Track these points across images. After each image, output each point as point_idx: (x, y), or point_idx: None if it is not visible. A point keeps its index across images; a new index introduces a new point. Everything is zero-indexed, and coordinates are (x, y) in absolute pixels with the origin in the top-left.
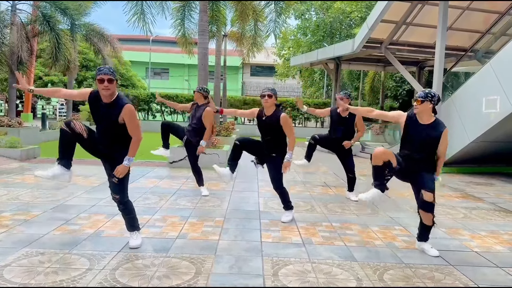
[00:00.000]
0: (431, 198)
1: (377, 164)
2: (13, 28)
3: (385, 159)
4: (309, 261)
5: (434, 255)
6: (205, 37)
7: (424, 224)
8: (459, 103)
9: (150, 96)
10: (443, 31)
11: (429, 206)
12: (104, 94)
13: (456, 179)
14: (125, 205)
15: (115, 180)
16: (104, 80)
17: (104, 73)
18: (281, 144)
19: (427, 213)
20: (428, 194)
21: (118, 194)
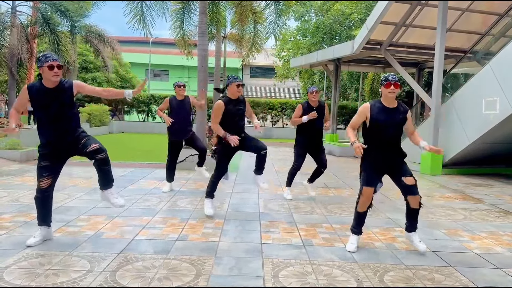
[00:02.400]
0: (413, 181)
1: (364, 210)
2: (13, 30)
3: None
4: (309, 263)
5: (422, 250)
6: (204, 39)
7: (412, 208)
8: (458, 105)
9: (150, 98)
10: (443, 33)
11: (414, 189)
12: (54, 81)
13: (455, 180)
14: (106, 153)
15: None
16: (54, 67)
17: (53, 59)
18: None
19: (414, 196)
20: (409, 179)
21: (95, 142)
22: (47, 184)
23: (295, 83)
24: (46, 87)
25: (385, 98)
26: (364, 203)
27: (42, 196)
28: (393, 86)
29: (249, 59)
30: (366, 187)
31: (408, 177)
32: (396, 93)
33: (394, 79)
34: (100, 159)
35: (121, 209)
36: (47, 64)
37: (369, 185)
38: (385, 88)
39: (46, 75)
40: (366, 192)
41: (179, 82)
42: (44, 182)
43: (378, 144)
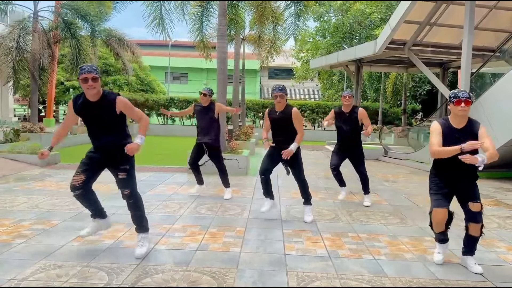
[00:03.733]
0: (479, 207)
1: (441, 230)
2: (35, 35)
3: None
4: (337, 277)
5: (477, 272)
6: (224, 41)
7: (471, 235)
8: (487, 105)
9: (169, 101)
10: (470, 31)
11: (478, 216)
12: (90, 94)
13: (485, 184)
14: (136, 197)
15: (122, 175)
16: (88, 79)
17: (87, 71)
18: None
19: (477, 224)
20: (476, 205)
21: (128, 187)
22: (78, 181)
23: (314, 84)
24: (88, 101)
25: (455, 116)
26: (439, 225)
27: (76, 195)
28: (464, 103)
29: (268, 61)
30: (436, 208)
31: (475, 203)
32: (468, 111)
33: (464, 95)
34: (130, 204)
35: None
36: (81, 77)
37: (439, 206)
38: (455, 106)
39: (82, 87)
40: (436, 213)
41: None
42: (76, 178)
43: (446, 162)
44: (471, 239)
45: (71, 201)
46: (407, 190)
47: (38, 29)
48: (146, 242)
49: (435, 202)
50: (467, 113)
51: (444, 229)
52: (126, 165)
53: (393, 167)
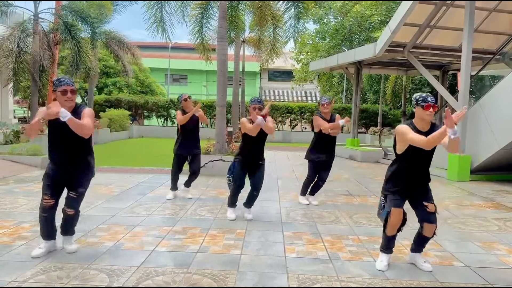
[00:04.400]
0: (433, 208)
1: (393, 234)
2: (36, 37)
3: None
4: (338, 279)
5: (428, 270)
6: (224, 43)
7: (424, 235)
8: (487, 108)
9: (169, 103)
10: (470, 33)
11: (433, 217)
12: (67, 106)
13: (485, 187)
14: (77, 215)
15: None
16: (67, 92)
17: (66, 84)
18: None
19: (431, 224)
20: (431, 205)
21: (75, 207)
22: (49, 205)
23: (313, 86)
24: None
25: (421, 120)
26: (394, 226)
27: (46, 215)
28: (432, 108)
29: (267, 63)
30: (395, 208)
31: (430, 203)
32: (433, 116)
33: (433, 101)
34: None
35: (141, 218)
36: (60, 89)
37: (398, 206)
38: (424, 110)
39: (59, 100)
40: (396, 213)
41: (183, 94)
42: (46, 201)
43: (409, 165)
44: (423, 238)
45: None
46: None
47: (38, 31)
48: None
49: (393, 202)
50: (432, 118)
51: (396, 232)
52: (84, 188)
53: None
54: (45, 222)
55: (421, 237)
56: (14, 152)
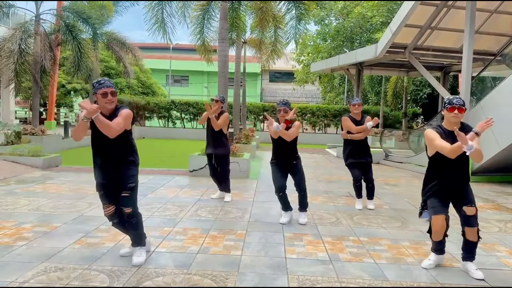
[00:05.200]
0: (473, 211)
1: (440, 239)
2: (37, 38)
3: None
4: (338, 281)
5: (479, 278)
6: (225, 45)
7: (469, 240)
8: (488, 109)
9: (170, 104)
10: (471, 35)
11: (473, 220)
12: (108, 108)
13: (486, 188)
14: (137, 217)
15: (126, 193)
16: (107, 94)
17: (106, 86)
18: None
19: (472, 228)
20: (470, 209)
21: (130, 206)
22: (110, 213)
23: (314, 88)
24: (102, 114)
25: (448, 122)
26: (439, 233)
27: (115, 222)
28: (457, 110)
29: (268, 64)
30: (436, 215)
31: (469, 206)
32: (460, 118)
33: (459, 103)
34: (131, 224)
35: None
36: (100, 91)
37: (438, 213)
38: (449, 112)
39: (100, 102)
40: (438, 220)
41: (216, 96)
42: (106, 210)
43: (443, 168)
44: (469, 244)
45: (72, 204)
46: (408, 194)
47: (40, 32)
48: (143, 252)
49: (433, 210)
50: (460, 119)
51: (442, 238)
52: (133, 183)
53: (394, 170)
54: (118, 228)
55: (467, 243)
56: (16, 152)
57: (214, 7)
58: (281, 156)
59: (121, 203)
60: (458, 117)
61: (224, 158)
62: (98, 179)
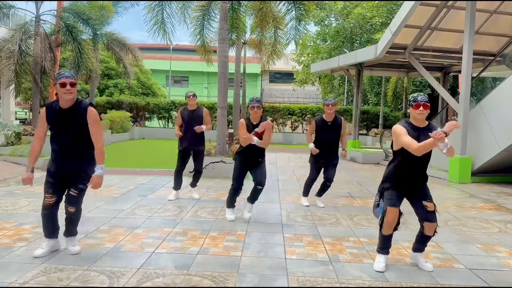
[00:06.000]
0: (432, 207)
1: (390, 233)
2: (37, 39)
3: (395, 222)
4: (338, 281)
5: (429, 270)
6: (225, 45)
7: (426, 235)
8: (488, 110)
9: (170, 104)
10: (471, 35)
11: (432, 215)
12: (66, 99)
13: (486, 189)
14: (79, 213)
15: (75, 193)
16: (66, 84)
17: (65, 76)
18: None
19: (431, 223)
20: (430, 204)
21: (76, 205)
22: (51, 203)
23: (314, 88)
24: (61, 108)
25: (414, 119)
26: (390, 224)
27: (48, 212)
28: (422, 107)
29: (269, 65)
30: (390, 207)
31: (429, 202)
32: (425, 115)
33: (423, 100)
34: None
35: (141, 220)
36: (59, 81)
37: (394, 205)
38: (414, 109)
39: (59, 92)
40: (392, 212)
41: (189, 92)
42: (48, 199)
43: (406, 163)
44: (424, 237)
45: None
46: None
47: (40, 32)
48: (77, 241)
49: (389, 201)
50: (425, 116)
51: (392, 232)
52: (84, 185)
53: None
54: (46, 219)
55: (423, 236)
56: (16, 153)
57: (214, 8)
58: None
59: (67, 200)
60: (423, 114)
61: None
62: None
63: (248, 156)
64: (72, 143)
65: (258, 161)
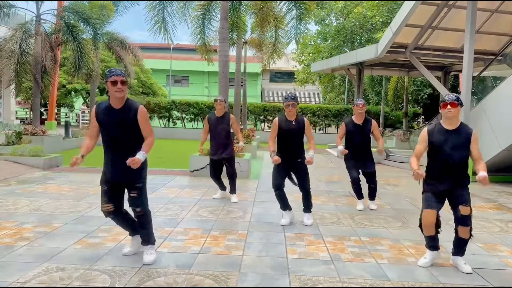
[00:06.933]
0: (468, 211)
1: (431, 234)
2: (38, 38)
3: (435, 223)
4: (339, 281)
5: (467, 272)
6: (225, 45)
7: (461, 237)
8: (489, 109)
9: (170, 104)
10: (472, 35)
11: (467, 220)
12: (117, 97)
13: (487, 188)
14: (147, 215)
15: (134, 193)
16: (117, 82)
17: (117, 74)
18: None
19: (465, 227)
20: (466, 208)
21: (140, 206)
22: (108, 210)
23: (315, 87)
24: (111, 107)
25: (444, 118)
26: (428, 227)
27: (112, 217)
28: (449, 105)
29: (269, 64)
30: (426, 209)
31: (465, 206)
32: (455, 112)
33: (450, 99)
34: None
35: None
36: (110, 79)
37: (430, 207)
38: (442, 109)
39: (110, 91)
40: (426, 215)
41: (217, 97)
42: (105, 207)
43: (440, 166)
44: (460, 241)
45: (73, 204)
46: (409, 194)
47: (40, 32)
48: (153, 251)
49: (425, 203)
50: (455, 114)
51: (434, 233)
52: (140, 183)
53: (395, 170)
54: (117, 222)
55: (459, 239)
56: (16, 153)
57: (215, 7)
58: (285, 155)
59: (130, 203)
60: (452, 112)
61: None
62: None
63: (284, 156)
64: (124, 141)
65: (298, 161)
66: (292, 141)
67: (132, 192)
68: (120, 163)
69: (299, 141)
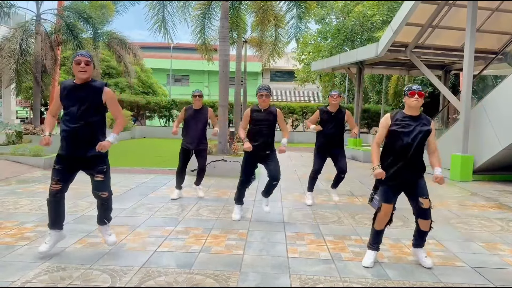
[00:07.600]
0: (428, 204)
1: (381, 228)
2: (38, 38)
3: (388, 218)
4: (340, 280)
5: (428, 267)
6: (226, 44)
7: (422, 230)
8: (490, 108)
9: (171, 103)
10: (472, 33)
11: (427, 212)
12: (81, 78)
13: (487, 187)
14: (111, 197)
15: (100, 177)
16: (81, 62)
17: (81, 54)
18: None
19: (426, 220)
20: (426, 201)
21: (106, 189)
22: (56, 189)
23: (315, 87)
24: (75, 84)
25: (408, 107)
26: (382, 220)
27: (52, 199)
28: (417, 95)
29: (269, 63)
30: (384, 203)
31: (424, 198)
32: (420, 103)
33: (418, 88)
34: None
35: (143, 219)
36: (74, 59)
37: (388, 201)
38: (409, 97)
39: (74, 71)
40: (384, 209)
41: (195, 91)
42: (54, 186)
43: (398, 155)
44: (421, 232)
45: (73, 204)
46: None
47: (40, 31)
48: (110, 230)
49: (383, 197)
50: (419, 104)
51: (383, 227)
52: (104, 166)
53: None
54: (52, 206)
55: (420, 231)
56: (17, 152)
57: (215, 6)
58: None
59: (95, 188)
60: (418, 101)
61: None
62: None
63: (255, 147)
64: (85, 115)
65: (267, 153)
66: (264, 130)
67: (98, 176)
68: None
69: (270, 131)
